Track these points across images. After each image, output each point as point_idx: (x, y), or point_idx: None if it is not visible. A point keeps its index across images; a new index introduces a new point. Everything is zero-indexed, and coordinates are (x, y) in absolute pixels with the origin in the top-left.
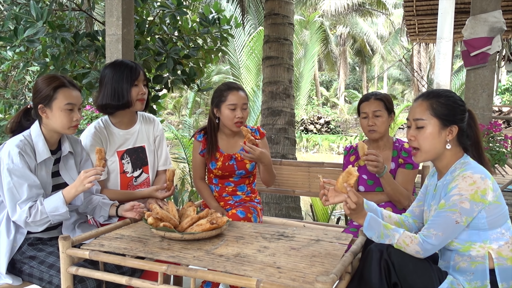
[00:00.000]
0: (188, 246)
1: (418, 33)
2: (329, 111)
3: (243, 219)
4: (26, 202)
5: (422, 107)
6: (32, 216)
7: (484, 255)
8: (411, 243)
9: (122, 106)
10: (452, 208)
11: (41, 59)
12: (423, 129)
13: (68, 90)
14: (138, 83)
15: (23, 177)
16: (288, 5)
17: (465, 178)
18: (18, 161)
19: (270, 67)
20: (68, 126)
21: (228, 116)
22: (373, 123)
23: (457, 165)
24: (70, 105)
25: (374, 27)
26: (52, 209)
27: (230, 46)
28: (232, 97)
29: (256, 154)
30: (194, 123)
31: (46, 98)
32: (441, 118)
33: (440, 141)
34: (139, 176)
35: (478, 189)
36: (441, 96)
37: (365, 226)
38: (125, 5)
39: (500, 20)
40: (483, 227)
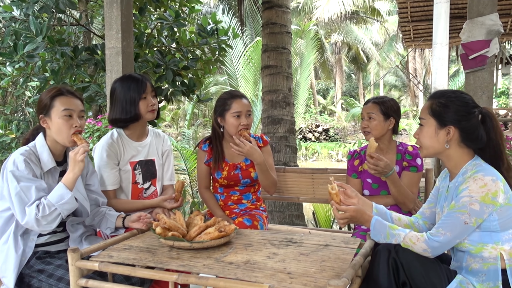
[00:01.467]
0: (197, 254)
1: (413, 39)
2: (327, 119)
3: (250, 227)
4: (33, 203)
5: (425, 106)
6: (41, 211)
7: (496, 256)
8: (417, 241)
9: (131, 120)
10: (462, 209)
11: (41, 74)
12: (423, 127)
13: (65, 97)
14: (146, 96)
15: (30, 181)
16: (285, 14)
17: (476, 180)
18: (23, 167)
19: (269, 76)
20: (68, 134)
21: (233, 124)
22: (366, 124)
23: (468, 166)
24: (67, 111)
25: (369, 34)
26: (58, 199)
27: (227, 57)
28: (236, 105)
29: (245, 148)
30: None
31: (45, 108)
32: (437, 118)
33: (438, 140)
34: (148, 188)
35: (489, 191)
36: (443, 96)
37: (371, 229)
38: (124, 18)
39: (497, 22)
40: (494, 228)
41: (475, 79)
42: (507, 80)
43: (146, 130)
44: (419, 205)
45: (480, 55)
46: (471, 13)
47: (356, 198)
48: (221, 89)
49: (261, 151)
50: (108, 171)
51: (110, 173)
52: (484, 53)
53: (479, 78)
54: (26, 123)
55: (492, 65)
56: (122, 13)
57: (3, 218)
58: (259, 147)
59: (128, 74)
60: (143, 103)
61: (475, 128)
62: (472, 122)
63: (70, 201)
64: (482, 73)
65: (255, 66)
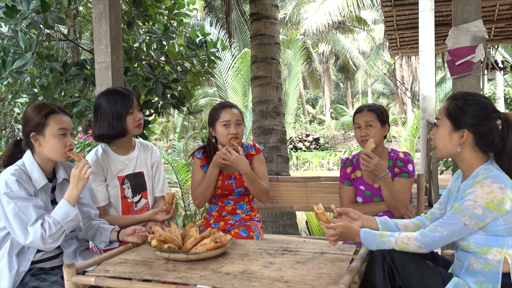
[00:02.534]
0: (193, 266)
1: (399, 47)
2: (317, 128)
3: (246, 238)
4: (35, 222)
5: (442, 107)
6: (47, 230)
7: (499, 260)
8: (409, 241)
9: (118, 136)
10: (464, 211)
11: (30, 90)
12: (438, 128)
13: (59, 115)
14: (133, 111)
15: (26, 200)
16: (273, 25)
17: (483, 187)
18: (17, 188)
19: (259, 86)
20: (62, 152)
21: (223, 133)
22: (365, 133)
23: (480, 170)
24: (62, 130)
25: (356, 43)
26: (63, 217)
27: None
28: (225, 114)
29: (231, 158)
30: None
31: (38, 126)
32: (452, 120)
33: (452, 142)
34: (139, 202)
35: (494, 198)
36: (461, 99)
37: (363, 242)
38: (113, 33)
39: (481, 29)
40: (500, 233)
41: (462, 84)
42: (493, 85)
43: (133, 143)
44: (412, 210)
45: (466, 61)
46: (456, 20)
47: (360, 220)
48: (211, 101)
49: (254, 159)
50: (95, 187)
51: (97, 190)
52: (470, 59)
53: (466, 83)
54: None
55: (478, 70)
56: (111, 27)
57: None
58: (251, 155)
59: (112, 88)
60: (130, 118)
61: (490, 133)
62: (487, 127)
63: (76, 218)
64: (468, 78)
65: (244, 77)
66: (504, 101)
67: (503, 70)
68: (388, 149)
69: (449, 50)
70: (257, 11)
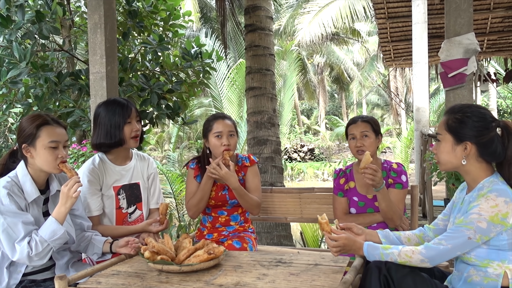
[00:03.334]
0: (186, 278)
1: (393, 59)
2: (312, 139)
3: (239, 250)
4: (23, 240)
5: (442, 122)
6: (34, 248)
7: (499, 274)
8: (413, 254)
9: (115, 145)
10: (469, 225)
11: (24, 100)
12: (440, 142)
13: (52, 127)
14: (131, 121)
15: (15, 216)
16: (268, 37)
17: (487, 200)
18: (7, 202)
19: (254, 97)
20: (54, 165)
21: (215, 144)
22: (361, 143)
23: (485, 183)
24: (54, 143)
25: (350, 54)
26: (50, 235)
27: (212, 79)
28: (218, 125)
29: (220, 173)
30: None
31: (30, 137)
32: (454, 134)
33: (456, 156)
34: (133, 213)
35: (499, 212)
36: (460, 111)
37: (366, 256)
38: (109, 43)
39: (473, 42)
40: (503, 247)
41: (455, 96)
42: (486, 96)
43: (130, 154)
44: (405, 222)
45: (459, 73)
46: (448, 32)
47: (363, 235)
48: (206, 111)
49: (248, 170)
50: (90, 197)
51: (92, 199)
52: (463, 71)
53: (459, 95)
54: (9, 149)
55: (470, 82)
56: (106, 38)
57: None
58: (246, 167)
59: (112, 98)
60: (127, 128)
61: (492, 142)
62: (489, 136)
63: (63, 236)
64: (461, 90)
65: (239, 88)
66: (497, 112)
67: (496, 82)
68: (381, 160)
69: (442, 62)
70: (252, 22)
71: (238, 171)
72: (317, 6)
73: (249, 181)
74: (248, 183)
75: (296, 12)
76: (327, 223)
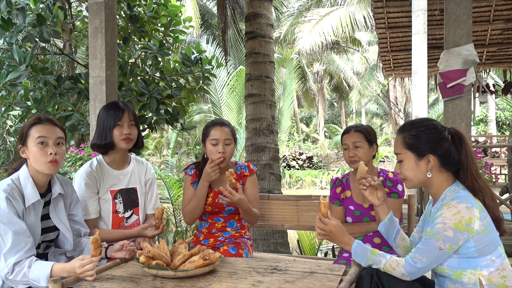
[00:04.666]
0: (181, 283)
1: (393, 68)
2: (310, 147)
3: (235, 255)
4: (12, 254)
5: (397, 142)
6: (14, 274)
7: (475, 282)
8: (397, 267)
9: (105, 146)
10: (436, 235)
11: (23, 102)
12: (403, 162)
13: (41, 125)
14: (122, 124)
15: (9, 224)
16: (268, 44)
17: (450, 208)
18: (5, 206)
19: (253, 104)
20: (45, 162)
21: (211, 151)
22: (353, 154)
23: (447, 192)
24: (41, 138)
25: (350, 63)
26: (34, 278)
27: (211, 86)
28: (215, 132)
29: (234, 199)
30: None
31: (22, 137)
32: (414, 150)
33: (421, 171)
34: (130, 217)
35: (462, 218)
36: (413, 128)
37: (352, 252)
38: (109, 48)
39: (472, 53)
40: (472, 255)
41: (453, 107)
42: (485, 108)
43: (128, 158)
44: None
45: (458, 84)
46: (447, 43)
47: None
48: (205, 117)
49: (247, 180)
50: (87, 200)
51: (89, 202)
52: (461, 82)
53: (457, 106)
54: (7, 152)
55: (469, 93)
56: (106, 42)
57: None
58: (245, 176)
59: (114, 101)
60: (117, 130)
61: (449, 150)
62: (445, 145)
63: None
64: (460, 101)
65: (239, 95)
66: (496, 124)
67: (494, 94)
68: (378, 169)
69: (440, 72)
70: (253, 29)
71: (237, 179)
72: (318, 15)
73: (248, 191)
74: (247, 193)
75: (297, 20)
76: (326, 205)
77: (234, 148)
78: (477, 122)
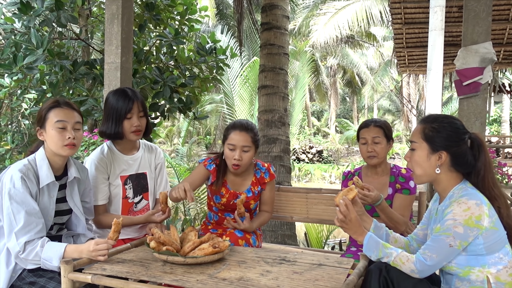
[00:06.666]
0: (190, 270)
1: (408, 65)
2: (321, 141)
3: (241, 238)
4: (23, 233)
5: (417, 130)
6: (26, 253)
7: (483, 280)
8: (407, 262)
9: (114, 137)
10: (446, 232)
11: (39, 86)
12: (415, 151)
13: (60, 109)
14: (132, 116)
15: (22, 203)
16: (283, 36)
17: (460, 204)
18: (19, 185)
19: (266, 95)
20: (61, 145)
21: (227, 155)
22: (372, 149)
23: (455, 190)
24: (60, 123)
25: (364, 58)
26: (46, 257)
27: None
28: (233, 137)
29: (239, 228)
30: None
31: (41, 120)
32: (430, 143)
33: (430, 165)
34: (139, 202)
35: (472, 215)
36: (436, 121)
37: (364, 245)
38: (125, 34)
39: (490, 51)
40: (480, 252)
41: (468, 105)
42: (499, 108)
43: (137, 144)
44: (412, 228)
45: (474, 82)
46: (465, 41)
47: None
48: (217, 107)
49: (266, 186)
50: (98, 185)
51: (99, 188)
52: (478, 80)
53: (473, 104)
54: (21, 135)
55: (485, 92)
56: (122, 29)
57: None
58: (264, 183)
59: (122, 88)
60: (127, 123)
61: (464, 153)
62: (462, 147)
63: (54, 268)
64: (475, 99)
65: (251, 86)
66: (510, 124)
67: (510, 94)
68: (391, 165)
69: (457, 70)
70: (268, 21)
71: (255, 183)
72: (334, 8)
73: (266, 195)
74: (264, 196)
75: (312, 13)
76: (355, 191)
77: (253, 154)
78: (491, 122)
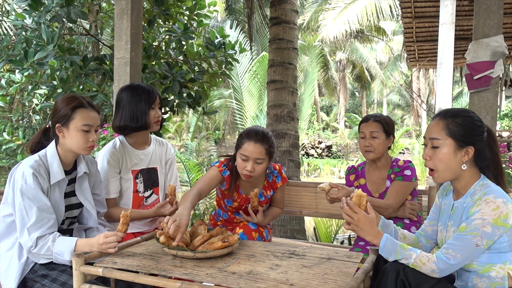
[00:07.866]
0: (200, 264)
1: (417, 59)
2: (330, 136)
3: (255, 231)
4: (35, 229)
5: (438, 127)
6: (38, 248)
7: (503, 276)
8: (427, 262)
9: (140, 128)
10: (474, 232)
11: (49, 82)
12: (438, 149)
13: (86, 110)
14: (155, 106)
15: (34, 199)
16: (292, 31)
17: (488, 203)
18: (31, 182)
19: (275, 90)
20: (84, 147)
21: (239, 164)
22: (369, 143)
23: (476, 187)
24: (87, 126)
25: (374, 53)
26: (58, 252)
27: (233, 71)
28: (247, 148)
29: (254, 221)
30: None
31: (64, 118)
32: (456, 139)
33: (456, 162)
34: (150, 197)
35: (501, 214)
36: (459, 115)
37: (381, 247)
38: (134, 30)
39: (502, 44)
40: (504, 249)
41: (479, 99)
42: (510, 102)
43: (149, 139)
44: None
45: (485, 76)
46: (476, 34)
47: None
48: (226, 102)
49: (278, 189)
50: (109, 179)
51: (111, 182)
52: (489, 74)
53: (484, 98)
54: (32, 130)
55: (496, 86)
56: (132, 24)
57: (6, 222)
58: (276, 187)
59: (136, 83)
60: (152, 112)
61: (485, 147)
62: (484, 140)
63: (66, 262)
64: (486, 93)
65: (260, 81)
66: None
67: None
68: (392, 158)
69: (468, 63)
70: (277, 15)
71: (268, 187)
72: (343, 2)
73: (278, 195)
74: (275, 196)
75: (321, 7)
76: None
77: (267, 165)
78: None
